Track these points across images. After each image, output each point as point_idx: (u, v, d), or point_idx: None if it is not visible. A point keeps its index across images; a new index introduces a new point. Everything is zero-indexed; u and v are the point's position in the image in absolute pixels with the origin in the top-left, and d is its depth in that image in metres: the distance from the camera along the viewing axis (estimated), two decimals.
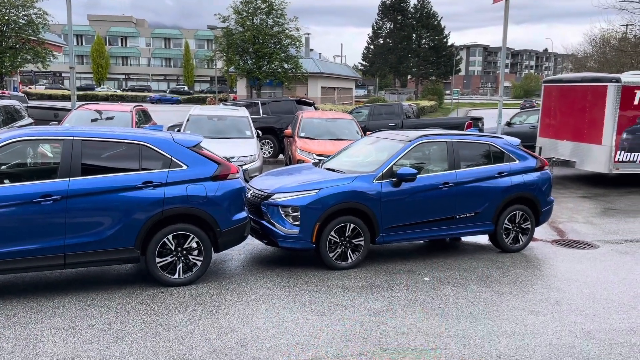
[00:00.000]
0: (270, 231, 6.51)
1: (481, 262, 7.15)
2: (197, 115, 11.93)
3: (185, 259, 5.88)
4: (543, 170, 7.99)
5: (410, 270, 6.71)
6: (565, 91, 14.08)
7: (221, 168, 6.05)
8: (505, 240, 7.64)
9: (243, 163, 10.33)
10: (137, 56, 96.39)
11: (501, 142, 7.83)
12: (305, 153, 11.10)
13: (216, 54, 36.84)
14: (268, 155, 16.13)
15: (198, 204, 5.82)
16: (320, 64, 51.88)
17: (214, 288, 5.84)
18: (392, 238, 6.90)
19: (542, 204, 7.87)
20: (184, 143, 6.02)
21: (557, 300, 5.81)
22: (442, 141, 7.37)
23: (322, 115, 13.34)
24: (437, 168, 7.28)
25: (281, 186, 6.72)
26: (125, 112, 12.25)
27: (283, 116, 16.00)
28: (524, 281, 6.42)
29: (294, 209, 6.42)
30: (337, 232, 6.57)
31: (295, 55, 35.35)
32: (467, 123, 16.50)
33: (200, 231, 5.89)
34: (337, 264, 6.61)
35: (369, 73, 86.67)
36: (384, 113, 18.12)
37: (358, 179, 6.71)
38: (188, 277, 5.90)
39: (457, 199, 7.17)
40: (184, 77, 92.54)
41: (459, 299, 5.74)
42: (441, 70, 78.59)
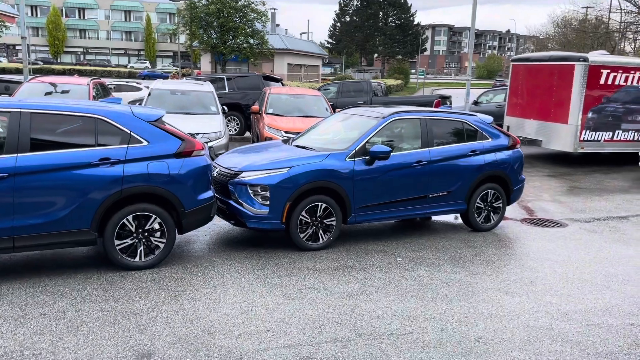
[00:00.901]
0: (238, 211, 6.19)
1: (453, 242, 7.04)
2: (159, 90, 11.38)
3: (146, 241, 5.52)
4: (515, 148, 7.90)
5: (382, 251, 6.53)
6: (532, 70, 14.09)
7: (185, 144, 5.67)
8: (477, 220, 7.55)
9: (208, 140, 9.91)
10: (96, 29, 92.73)
11: (474, 120, 7.68)
12: (274, 130, 10.75)
13: (179, 27, 35.64)
14: (234, 133, 15.67)
15: (160, 182, 5.44)
16: (286, 40, 51.00)
17: (178, 272, 5.52)
18: (364, 218, 6.69)
19: (514, 183, 7.80)
20: (145, 117, 5.61)
21: (531, 280, 5.73)
22: (416, 118, 7.15)
23: (290, 92, 12.96)
24: (410, 146, 7.08)
25: (249, 164, 6.39)
26: (82, 86, 11.58)
27: (249, 92, 15.52)
28: (497, 261, 6.33)
29: (263, 188, 6.11)
30: (308, 212, 6.31)
31: (261, 31, 34.50)
32: (435, 101, 16.40)
33: (163, 212, 5.53)
34: (308, 245, 6.37)
35: (335, 51, 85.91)
36: (353, 90, 17.83)
37: (330, 157, 6.44)
38: (150, 260, 5.55)
39: (430, 177, 7.01)
40: (146, 51, 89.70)
41: (434, 280, 5.59)
42: (407, 49, 78.54)
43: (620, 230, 7.98)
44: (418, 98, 19.72)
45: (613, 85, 12.83)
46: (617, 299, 5.27)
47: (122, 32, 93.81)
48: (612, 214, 8.97)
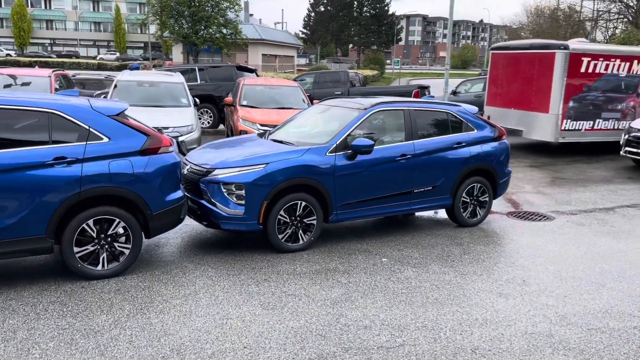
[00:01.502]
0: (211, 212, 5.73)
1: (440, 239, 6.70)
2: (126, 81, 10.77)
3: (110, 247, 5.03)
4: (501, 140, 7.59)
5: (366, 251, 6.16)
6: (512, 58, 13.85)
7: (151, 140, 5.18)
8: (463, 215, 7.23)
9: (179, 134, 9.38)
10: (63, 20, 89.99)
11: (459, 111, 7.34)
12: (248, 123, 10.26)
13: (148, 17, 34.58)
14: (207, 126, 15.10)
15: (123, 182, 4.95)
16: (261, 30, 50.14)
17: (145, 280, 5.04)
18: (347, 216, 6.30)
19: (500, 176, 7.51)
20: (105, 111, 5.09)
21: (524, 279, 5.42)
22: (399, 109, 6.77)
23: (265, 83, 12.45)
24: (393, 139, 6.70)
25: (223, 160, 5.92)
26: (43, 77, 10.88)
27: (222, 83, 14.95)
28: (487, 259, 6.02)
29: (237, 187, 5.66)
30: (287, 211, 5.89)
31: (234, 20, 33.68)
32: (414, 92, 16.08)
33: (128, 214, 5.04)
34: (288, 246, 5.95)
35: (310, 41, 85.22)
36: (330, 81, 17.40)
37: (309, 152, 6.01)
38: (114, 268, 5.07)
39: (415, 172, 6.64)
40: (115, 42, 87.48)
41: (422, 282, 5.24)
42: (382, 40, 78.33)
43: (608, 222, 7.76)
44: (396, 88, 19.40)
45: (594, 73, 12.67)
46: (615, 299, 4.99)
47: (90, 22, 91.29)
48: (598, 205, 8.77)
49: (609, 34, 39.51)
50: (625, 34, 26.25)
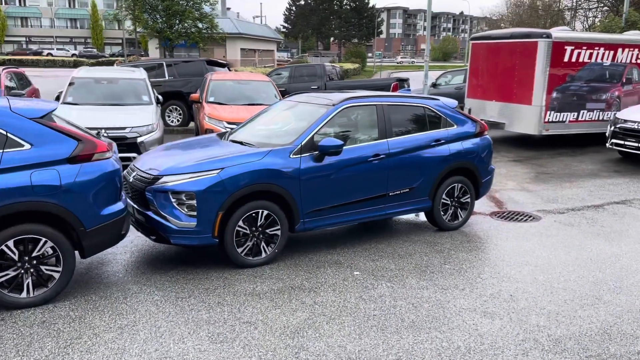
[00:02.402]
0: (159, 225, 5.06)
1: (418, 246, 6.11)
2: (82, 78, 9.99)
3: (36, 270, 4.34)
4: (483, 135, 7.01)
5: (337, 262, 5.54)
6: (493, 48, 13.31)
7: (83, 146, 4.48)
8: (443, 218, 6.65)
9: (138, 135, 8.68)
10: (38, 17, 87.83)
11: (437, 105, 6.74)
12: (215, 121, 9.56)
13: (121, 11, 33.48)
14: (177, 124, 14.35)
15: (49, 196, 4.25)
16: (238, 24, 49.13)
17: (78, 307, 4.36)
18: (315, 224, 5.67)
19: (483, 174, 6.93)
20: (27, 113, 4.38)
21: (511, 294, 4.85)
22: (371, 104, 6.14)
23: (234, 77, 11.73)
24: (366, 137, 6.08)
25: (172, 166, 5.24)
26: None
27: (192, 79, 14.19)
28: (469, 269, 5.44)
29: (188, 196, 4.99)
30: (247, 221, 5.24)
31: (209, 14, 32.74)
32: (393, 84, 15.48)
33: (56, 233, 4.35)
34: (248, 261, 5.31)
35: (291, 35, 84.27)
36: (306, 75, 16.71)
37: (271, 154, 5.36)
38: (42, 294, 4.38)
39: (390, 173, 6.04)
40: (92, 39, 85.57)
41: (397, 300, 4.63)
42: (363, 33, 77.71)
43: (598, 222, 7.24)
44: (374, 82, 18.79)
45: (577, 62, 12.17)
46: (614, 315, 4.44)
47: (66, 19, 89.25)
48: (587, 203, 8.25)
49: (589, 23, 39.33)
50: (607, 22, 25.93)
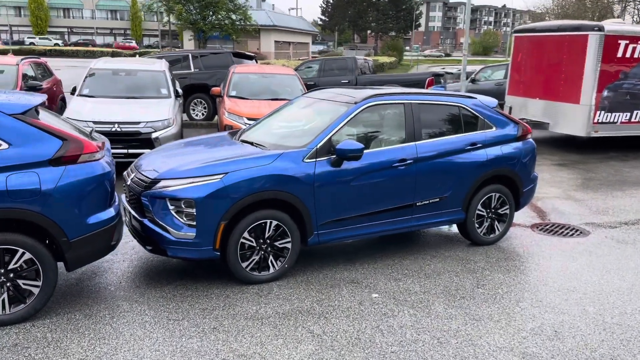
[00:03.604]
0: (156, 234, 4.53)
1: (448, 264, 5.42)
2: (100, 70, 9.61)
3: (13, 284, 3.87)
4: (526, 139, 6.25)
5: (354, 281, 4.91)
6: (538, 42, 12.35)
7: (68, 146, 3.99)
8: (478, 231, 5.93)
9: (152, 130, 8.23)
10: (80, 8, 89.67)
11: (474, 104, 6.01)
12: (235, 117, 9.04)
13: (155, 2, 33.47)
14: (202, 118, 13.93)
15: (27, 202, 3.77)
16: (273, 16, 48.68)
17: (57, 328, 3.88)
18: (330, 237, 5.05)
19: (525, 183, 6.17)
20: (6, 108, 3.91)
21: (555, 329, 4.13)
22: (399, 103, 5.47)
23: (258, 70, 11.18)
24: (391, 139, 5.42)
25: (171, 169, 4.71)
26: (10, 66, 9.79)
27: (218, 71, 13.71)
28: (506, 294, 4.73)
29: (187, 203, 4.45)
30: (253, 232, 4.67)
31: (243, 6, 32.34)
32: (428, 80, 14.67)
33: (35, 243, 3.88)
34: (254, 277, 4.74)
35: (327, 28, 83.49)
36: (336, 68, 16.04)
37: (282, 158, 4.77)
38: (19, 311, 3.91)
39: (418, 180, 5.36)
40: (132, 30, 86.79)
41: (420, 334, 3.98)
42: (401, 25, 76.23)
43: None
44: (408, 76, 17.96)
45: (632, 58, 11.11)
46: None
47: (107, 10, 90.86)
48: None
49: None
50: None
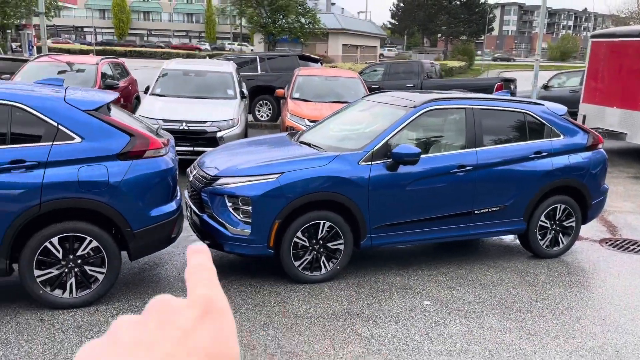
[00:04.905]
0: (214, 230, 4.69)
1: (505, 275, 5.25)
2: (172, 70, 10.04)
3: (80, 270, 4.14)
4: (596, 149, 5.94)
5: (406, 287, 4.86)
6: (617, 48, 11.68)
7: (135, 141, 4.21)
8: (540, 243, 5.70)
9: (218, 129, 8.49)
10: (159, 11, 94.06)
11: (541, 111, 5.78)
12: (296, 118, 9.17)
13: (228, 6, 34.51)
14: (266, 119, 14.22)
15: (96, 193, 4.02)
16: (342, 19, 48.90)
17: (119, 313, 4.09)
18: (384, 241, 5.03)
19: (593, 195, 5.86)
20: (80, 104, 4.18)
21: (617, 350, 3.91)
22: (460, 108, 5.36)
23: (322, 73, 11.27)
24: (450, 145, 5.32)
25: (230, 167, 4.86)
26: (90, 65, 10.43)
27: (284, 74, 13.93)
28: (566, 310, 4.52)
29: (244, 201, 4.58)
30: (307, 232, 4.73)
31: (313, 9, 32.74)
32: (496, 85, 14.25)
33: (102, 232, 4.12)
34: (306, 276, 4.80)
35: (396, 31, 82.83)
36: (402, 72, 15.89)
37: (338, 160, 4.80)
38: (84, 295, 4.17)
39: (477, 187, 5.23)
40: (206, 33, 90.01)
41: (471, 344, 3.88)
42: (472, 29, 74.32)
43: None
44: (476, 81, 17.50)
45: None
46: None
47: (184, 14, 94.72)
48: None
49: None
50: None
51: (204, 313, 0.43)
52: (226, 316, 0.44)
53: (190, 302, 0.44)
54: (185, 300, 0.44)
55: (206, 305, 0.43)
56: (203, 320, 0.42)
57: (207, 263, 0.48)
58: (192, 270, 0.47)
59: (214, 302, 0.44)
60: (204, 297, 0.44)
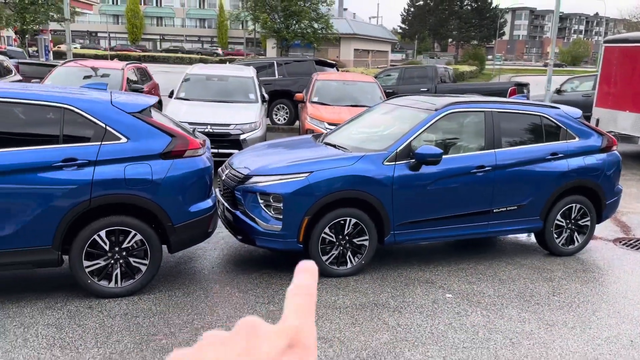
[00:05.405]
0: (246, 225, 4.97)
1: (524, 271, 5.47)
2: (195, 75, 10.37)
3: (125, 262, 4.43)
4: (610, 151, 6.15)
5: (428, 281, 5.11)
6: (630, 53, 11.85)
7: (176, 142, 4.51)
8: (556, 241, 5.92)
9: (241, 132, 8.79)
10: (172, 16, 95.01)
11: (557, 114, 6.01)
12: (316, 121, 9.45)
13: (242, 12, 34.98)
14: (283, 122, 14.53)
15: (140, 189, 4.32)
16: (353, 24, 49.24)
17: (160, 302, 4.39)
18: (406, 237, 5.28)
19: (607, 195, 6.08)
20: (126, 107, 4.49)
21: (631, 339, 4.13)
22: (479, 111, 5.61)
23: (339, 78, 11.56)
24: (470, 146, 5.57)
25: (262, 166, 5.14)
26: (116, 70, 10.80)
27: (301, 78, 14.25)
28: (582, 304, 4.74)
29: (275, 198, 4.86)
30: (333, 228, 5.00)
31: (326, 15, 33.09)
32: (510, 89, 14.41)
33: (145, 226, 4.42)
34: (333, 270, 5.07)
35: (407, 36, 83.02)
36: (416, 76, 16.13)
37: (363, 160, 5.07)
38: (129, 285, 4.46)
39: (496, 187, 5.47)
40: (218, 38, 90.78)
41: (492, 333, 4.12)
42: (483, 34, 74.40)
43: None
44: (490, 85, 17.69)
45: None
46: None
47: (196, 19, 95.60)
48: None
49: None
50: None
51: (290, 346, 0.44)
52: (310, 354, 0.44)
53: (279, 331, 0.44)
54: (275, 328, 0.45)
55: (294, 338, 0.44)
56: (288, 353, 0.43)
57: (311, 286, 0.48)
58: (295, 291, 0.47)
59: (302, 336, 0.44)
60: (294, 330, 0.44)
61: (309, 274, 0.49)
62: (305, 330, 0.45)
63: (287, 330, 0.44)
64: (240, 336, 0.43)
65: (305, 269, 0.49)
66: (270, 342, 0.43)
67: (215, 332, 0.45)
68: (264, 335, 0.43)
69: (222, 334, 0.44)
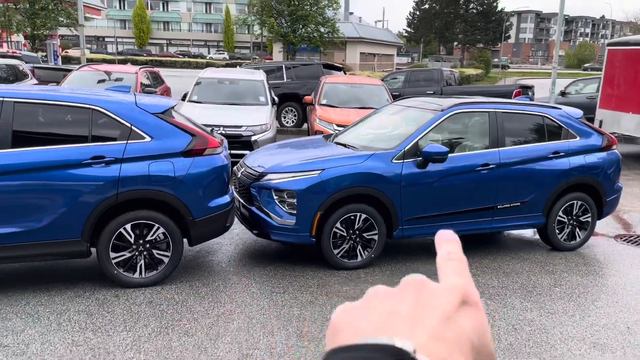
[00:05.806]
0: (261, 220, 5.24)
1: (526, 265, 5.71)
2: (207, 78, 10.68)
3: (148, 254, 4.70)
4: (610, 149, 6.38)
5: (434, 273, 5.30)
6: (634, 55, 12.06)
7: (196, 141, 4.79)
8: (558, 237, 6.14)
9: (252, 133, 9.07)
10: (178, 21, 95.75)
11: (558, 114, 6.25)
12: (325, 123, 9.73)
13: (249, 16, 35.39)
14: (291, 125, 14.81)
15: (164, 185, 4.60)
16: (359, 28, 49.58)
17: (182, 292, 4.66)
18: (413, 232, 5.53)
19: (608, 192, 6.30)
20: (150, 108, 4.77)
21: (628, 326, 4.35)
22: (484, 111, 5.86)
23: (347, 80, 11.84)
24: (475, 145, 5.81)
25: (276, 164, 5.41)
26: (130, 74, 11.12)
27: (309, 81, 14.55)
28: (582, 295, 4.97)
29: (289, 194, 5.12)
30: (344, 223, 5.25)
31: (332, 19, 33.44)
32: (515, 91, 14.66)
33: (168, 220, 4.69)
34: (344, 263, 5.32)
35: (412, 40, 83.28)
36: (422, 79, 16.40)
37: (372, 158, 5.33)
38: (152, 276, 4.73)
39: (500, 184, 5.71)
40: (224, 42, 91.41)
41: (496, 321, 4.36)
42: (489, 37, 74.46)
43: None
44: (495, 88, 17.92)
45: None
46: None
47: (202, 23, 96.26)
48: None
49: None
50: None
51: (464, 302, 0.41)
52: (481, 310, 0.42)
53: (449, 288, 0.42)
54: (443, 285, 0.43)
55: (464, 294, 0.42)
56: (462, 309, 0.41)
57: (459, 252, 0.46)
58: (447, 257, 0.46)
59: (470, 293, 0.42)
60: (462, 287, 0.42)
61: (454, 243, 0.48)
62: (471, 288, 0.43)
63: (457, 287, 0.42)
64: (409, 290, 0.42)
65: (448, 239, 0.48)
66: (442, 297, 0.41)
67: (380, 286, 0.44)
68: (434, 291, 0.42)
69: (388, 288, 0.43)
